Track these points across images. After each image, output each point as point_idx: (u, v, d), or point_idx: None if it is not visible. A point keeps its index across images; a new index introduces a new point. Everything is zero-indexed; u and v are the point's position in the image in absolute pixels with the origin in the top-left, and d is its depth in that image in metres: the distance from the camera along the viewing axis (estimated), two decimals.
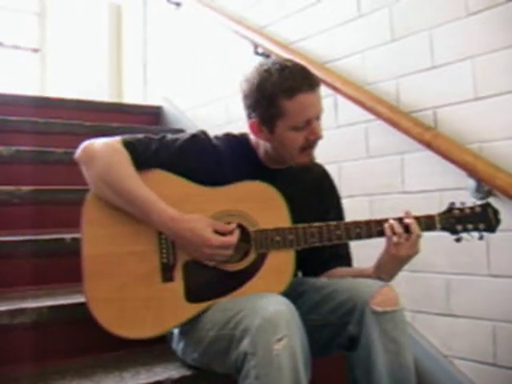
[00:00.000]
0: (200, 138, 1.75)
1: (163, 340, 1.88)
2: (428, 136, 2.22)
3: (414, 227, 1.64)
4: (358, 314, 1.57)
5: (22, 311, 1.82)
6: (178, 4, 4.05)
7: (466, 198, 2.09)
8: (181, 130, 3.78)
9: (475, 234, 1.68)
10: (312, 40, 2.87)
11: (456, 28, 2.22)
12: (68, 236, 2.27)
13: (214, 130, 1.91)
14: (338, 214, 1.90)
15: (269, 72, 1.65)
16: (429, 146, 2.21)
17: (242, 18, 3.35)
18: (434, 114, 2.29)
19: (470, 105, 2.17)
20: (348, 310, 1.59)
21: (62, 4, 5.53)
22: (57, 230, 2.45)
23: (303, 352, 1.43)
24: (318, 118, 1.69)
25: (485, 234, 1.67)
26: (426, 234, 2.25)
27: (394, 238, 1.63)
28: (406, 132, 2.30)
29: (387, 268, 1.69)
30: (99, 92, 4.86)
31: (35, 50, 5.57)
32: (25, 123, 3.23)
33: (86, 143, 1.70)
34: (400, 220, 1.65)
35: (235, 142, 1.81)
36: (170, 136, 1.75)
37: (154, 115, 4.19)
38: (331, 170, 2.66)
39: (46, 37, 5.61)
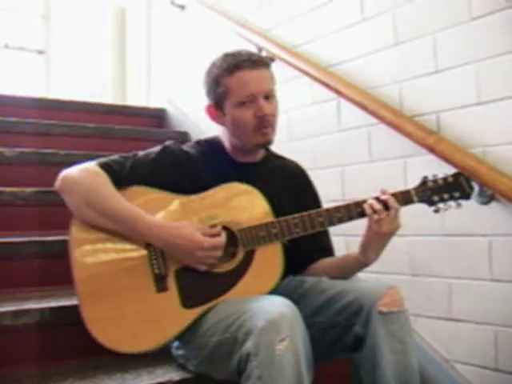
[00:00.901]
0: (171, 148, 1.80)
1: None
2: (431, 140, 2.22)
3: (392, 202, 1.68)
4: (365, 314, 1.59)
5: (26, 312, 1.83)
6: (182, 7, 4.06)
7: (469, 202, 2.10)
8: (184, 133, 3.80)
9: (452, 204, 1.74)
10: (316, 44, 2.87)
11: (459, 32, 2.22)
12: None
13: (217, 133, 1.93)
14: (318, 208, 1.91)
15: (216, 59, 1.84)
16: (432, 150, 2.21)
17: (246, 21, 3.36)
18: (437, 118, 2.29)
19: (473, 109, 2.17)
20: (354, 311, 1.61)
21: (66, 6, 5.54)
22: (60, 232, 2.45)
23: (305, 353, 1.44)
24: (266, 96, 1.75)
25: (461, 202, 1.73)
26: (428, 239, 2.26)
27: (375, 216, 1.67)
28: (409, 136, 2.30)
29: (372, 246, 1.72)
30: (103, 94, 4.87)
31: (40, 52, 5.58)
32: (29, 125, 3.25)
33: (63, 173, 1.72)
34: (377, 198, 1.69)
35: (206, 146, 1.87)
36: (141, 152, 1.79)
37: (157, 118, 4.20)
38: (334, 173, 2.67)
39: (50, 39, 5.63)
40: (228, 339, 1.51)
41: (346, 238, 2.41)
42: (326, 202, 1.98)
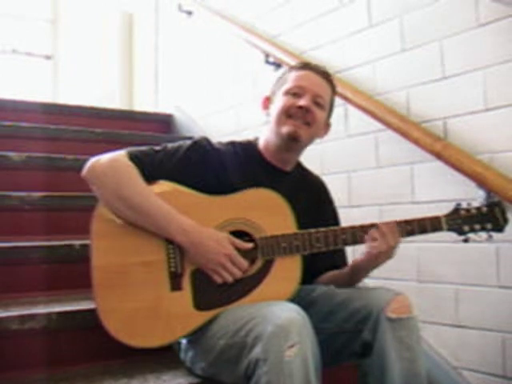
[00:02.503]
0: (202, 144, 1.78)
1: (172, 348, 1.88)
2: (438, 146, 2.21)
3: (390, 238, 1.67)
4: (373, 320, 1.59)
5: (33, 317, 1.83)
6: (189, 13, 4.07)
7: None
8: (191, 139, 3.79)
9: (483, 234, 1.68)
10: (323, 50, 2.88)
11: (466, 39, 2.22)
12: (77, 242, 2.28)
13: (225, 139, 1.93)
14: (336, 225, 1.90)
15: None
16: (439, 156, 2.21)
17: (253, 27, 3.36)
18: (444, 124, 2.29)
19: (480, 115, 2.17)
20: (363, 317, 1.61)
21: (74, 12, 5.57)
22: (67, 237, 2.46)
23: (314, 359, 1.43)
24: (313, 98, 1.78)
25: (493, 233, 1.68)
26: (435, 245, 2.25)
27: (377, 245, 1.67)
28: (416, 142, 2.30)
29: (365, 270, 1.74)
30: (110, 99, 4.89)
31: (48, 57, 5.61)
32: (36, 130, 3.26)
33: (92, 161, 1.71)
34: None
35: (239, 147, 1.85)
36: (171, 145, 1.77)
37: (164, 123, 4.21)
38: (341, 179, 2.68)
39: (58, 44, 5.66)
40: (237, 343, 1.51)
41: None
42: None
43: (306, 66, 1.85)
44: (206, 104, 3.89)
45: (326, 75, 1.83)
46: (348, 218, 1.98)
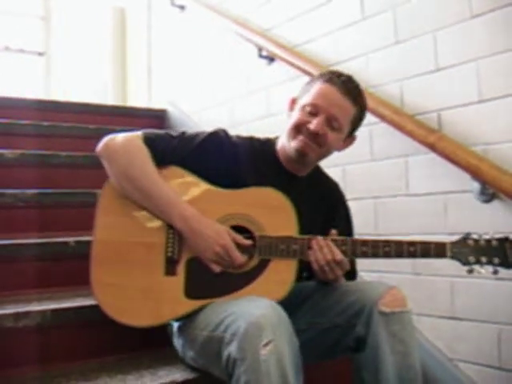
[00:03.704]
0: (218, 136, 1.78)
1: (167, 344, 1.88)
2: (432, 138, 2.21)
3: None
4: (366, 314, 1.58)
5: (27, 314, 1.82)
6: (182, 7, 4.06)
7: (471, 200, 2.10)
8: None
9: (489, 268, 1.59)
10: (316, 43, 2.87)
11: (460, 30, 2.21)
12: (72, 239, 2.26)
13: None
14: (349, 233, 1.87)
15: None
16: (433, 148, 2.21)
17: (246, 21, 3.35)
18: (438, 116, 2.28)
19: (474, 107, 2.17)
20: (356, 312, 1.61)
21: (66, 8, 5.54)
22: (61, 233, 2.45)
23: (292, 356, 1.41)
24: (328, 119, 1.69)
25: (499, 269, 1.58)
26: (431, 237, 2.24)
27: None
28: (410, 134, 2.29)
29: (327, 280, 1.70)
30: (104, 95, 4.87)
31: (40, 54, 5.59)
32: (30, 126, 3.25)
33: (107, 138, 1.75)
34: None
35: (258, 144, 1.85)
36: (189, 133, 1.79)
37: (158, 118, 4.20)
38: (335, 172, 2.66)
39: (50, 40, 5.63)
40: (216, 337, 1.51)
41: None
42: None
43: (331, 79, 1.72)
44: (200, 99, 3.88)
45: (350, 93, 1.71)
46: None
